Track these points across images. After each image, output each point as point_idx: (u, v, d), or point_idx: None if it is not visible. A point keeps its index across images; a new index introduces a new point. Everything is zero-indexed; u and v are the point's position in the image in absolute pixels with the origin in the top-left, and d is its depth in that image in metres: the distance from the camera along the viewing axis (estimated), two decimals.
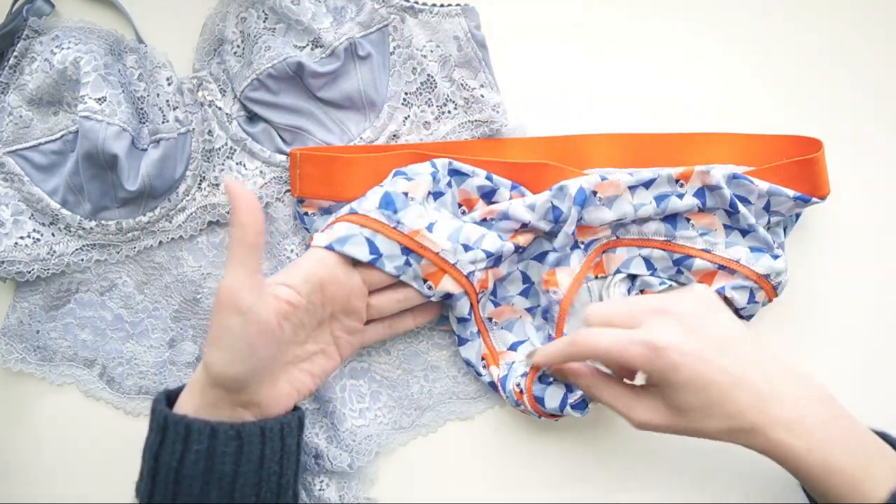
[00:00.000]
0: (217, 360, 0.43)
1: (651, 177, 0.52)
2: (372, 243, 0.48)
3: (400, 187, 0.49)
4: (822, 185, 0.53)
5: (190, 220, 0.55)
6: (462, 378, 0.56)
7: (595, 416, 0.54)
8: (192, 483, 0.43)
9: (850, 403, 0.57)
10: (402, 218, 0.48)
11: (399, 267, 0.49)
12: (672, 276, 0.55)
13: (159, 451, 0.44)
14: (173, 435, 0.43)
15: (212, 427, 0.43)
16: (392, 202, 0.49)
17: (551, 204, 0.52)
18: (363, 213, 0.48)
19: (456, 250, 0.50)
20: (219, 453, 0.43)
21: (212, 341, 0.43)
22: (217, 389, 0.44)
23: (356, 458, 0.54)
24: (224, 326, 0.42)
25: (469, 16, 0.55)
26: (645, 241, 0.54)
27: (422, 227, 0.49)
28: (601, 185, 0.52)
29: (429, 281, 0.50)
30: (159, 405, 0.45)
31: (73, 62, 0.50)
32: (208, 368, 0.43)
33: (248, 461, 0.44)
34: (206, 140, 0.54)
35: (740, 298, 0.54)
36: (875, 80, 0.59)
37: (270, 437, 0.45)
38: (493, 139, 0.55)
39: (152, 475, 0.44)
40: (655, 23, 0.59)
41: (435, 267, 0.49)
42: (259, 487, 0.44)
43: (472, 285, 0.51)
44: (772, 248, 0.54)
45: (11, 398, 0.56)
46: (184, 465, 0.43)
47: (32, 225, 0.53)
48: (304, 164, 0.52)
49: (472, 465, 0.56)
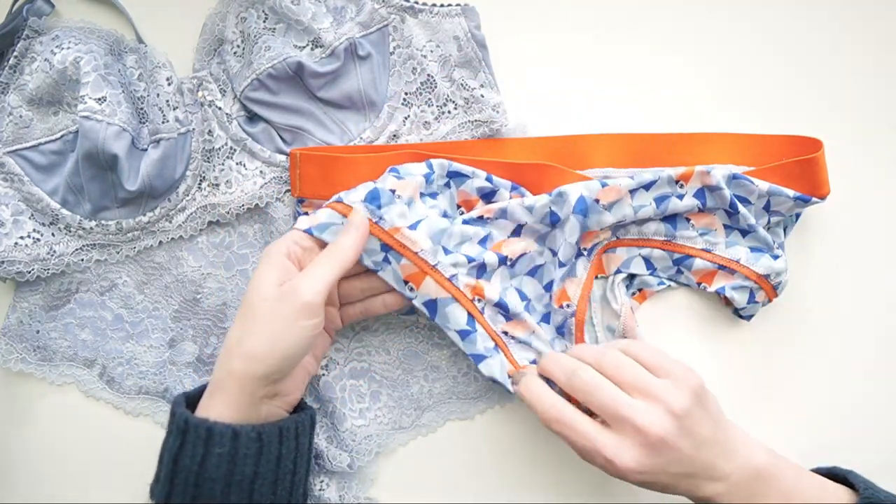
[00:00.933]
0: (276, 356, 0.44)
1: (652, 179, 0.52)
2: None
3: (389, 184, 0.49)
4: (822, 185, 0.53)
5: (190, 220, 0.55)
6: (462, 378, 0.56)
7: None
8: (214, 486, 0.43)
9: (851, 403, 0.57)
10: (384, 214, 0.48)
11: (377, 263, 0.49)
12: (672, 275, 0.55)
13: (179, 453, 0.44)
14: (194, 438, 0.43)
15: (234, 430, 0.44)
16: (378, 197, 0.49)
17: (549, 209, 0.52)
18: (348, 202, 0.49)
19: (436, 252, 0.49)
20: (241, 455, 0.44)
21: (273, 339, 0.44)
22: (258, 383, 0.45)
23: (356, 458, 0.54)
24: (295, 328, 0.44)
25: (469, 16, 0.55)
26: (645, 241, 0.54)
27: (403, 226, 0.48)
28: (603, 191, 0.51)
29: (410, 282, 0.50)
30: (179, 408, 0.45)
31: (73, 62, 0.50)
32: (264, 363, 0.44)
33: (267, 461, 0.45)
34: (206, 140, 0.54)
35: (740, 299, 0.54)
36: (875, 80, 0.59)
37: (287, 437, 0.46)
38: (493, 139, 0.55)
39: (170, 478, 0.44)
40: (655, 23, 0.59)
41: (416, 268, 0.49)
42: (275, 486, 0.45)
43: (459, 290, 0.50)
44: (772, 248, 0.54)
45: (11, 398, 0.56)
46: (205, 467, 0.43)
47: (32, 225, 0.53)
48: (304, 165, 0.52)
49: (472, 465, 0.56)
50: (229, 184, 0.55)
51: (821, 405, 0.57)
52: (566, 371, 0.47)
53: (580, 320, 0.53)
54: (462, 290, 0.50)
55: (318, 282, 0.45)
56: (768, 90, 0.59)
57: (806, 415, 0.57)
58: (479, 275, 0.52)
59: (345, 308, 0.53)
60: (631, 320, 0.54)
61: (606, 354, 0.47)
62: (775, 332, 0.57)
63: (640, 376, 0.45)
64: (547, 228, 0.53)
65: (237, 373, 0.45)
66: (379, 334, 0.56)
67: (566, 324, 0.53)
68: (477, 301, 0.51)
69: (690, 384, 0.45)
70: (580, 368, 0.46)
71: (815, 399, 0.57)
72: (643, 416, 0.43)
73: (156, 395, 0.56)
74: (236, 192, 0.55)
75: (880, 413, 0.57)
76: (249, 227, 0.56)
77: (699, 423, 0.44)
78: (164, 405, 0.56)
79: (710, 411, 0.46)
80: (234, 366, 0.45)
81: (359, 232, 0.47)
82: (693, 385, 0.45)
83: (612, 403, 0.44)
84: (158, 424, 0.56)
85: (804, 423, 0.57)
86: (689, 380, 0.45)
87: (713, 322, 0.57)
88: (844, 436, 0.56)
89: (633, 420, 0.43)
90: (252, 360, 0.44)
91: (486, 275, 0.52)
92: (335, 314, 0.52)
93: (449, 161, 0.52)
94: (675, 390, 0.44)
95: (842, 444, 0.56)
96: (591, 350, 0.48)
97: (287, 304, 0.44)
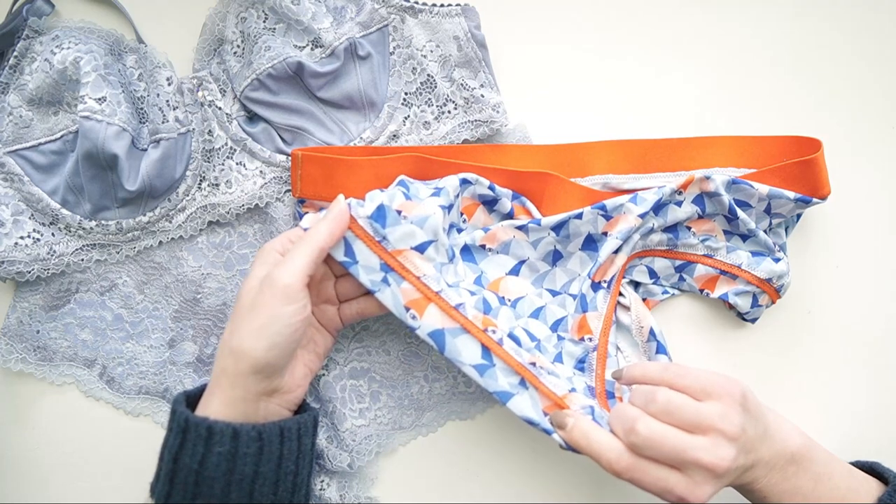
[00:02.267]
0: (261, 346, 0.44)
1: (656, 199, 0.51)
2: (350, 247, 0.48)
3: (396, 203, 0.48)
4: (822, 186, 0.53)
5: (190, 220, 0.55)
6: (462, 378, 0.56)
7: None
8: (214, 484, 0.43)
9: (851, 402, 0.57)
10: (388, 234, 0.47)
11: (375, 283, 0.47)
12: (675, 283, 0.55)
13: (179, 452, 0.44)
14: (194, 437, 0.44)
15: (234, 429, 0.44)
16: (384, 216, 0.47)
17: (554, 248, 0.52)
18: (354, 216, 0.48)
19: (439, 279, 0.47)
20: (240, 454, 0.44)
21: (257, 329, 0.44)
22: (251, 378, 0.45)
23: (356, 458, 0.54)
24: (276, 315, 0.44)
25: (469, 16, 0.55)
26: (648, 252, 0.54)
27: (406, 248, 0.47)
28: (609, 223, 0.51)
29: (412, 310, 0.47)
30: (179, 406, 0.45)
31: (73, 62, 0.50)
32: (251, 355, 0.44)
33: (268, 461, 0.45)
34: (206, 140, 0.54)
35: (744, 304, 0.54)
36: (874, 80, 0.59)
37: (288, 437, 0.46)
38: (493, 145, 0.55)
39: (170, 477, 0.44)
40: (655, 23, 0.59)
41: (418, 293, 0.47)
42: (276, 487, 0.45)
43: (468, 320, 0.47)
44: (773, 251, 0.54)
45: (11, 398, 0.56)
46: (205, 466, 0.43)
47: (32, 225, 0.53)
48: (305, 165, 0.52)
49: (472, 465, 0.56)
50: (229, 184, 0.55)
51: (822, 405, 0.57)
52: (625, 428, 0.45)
53: (602, 356, 0.52)
54: (471, 321, 0.47)
55: (293, 266, 0.45)
56: (767, 91, 0.59)
57: (809, 415, 0.57)
58: (486, 310, 0.50)
59: (343, 307, 0.53)
60: (642, 307, 0.53)
61: (658, 396, 0.45)
62: (776, 332, 0.57)
63: (691, 412, 0.44)
64: (547, 267, 0.53)
65: (229, 369, 0.45)
66: (379, 334, 0.56)
67: (587, 359, 0.52)
68: (491, 332, 0.47)
69: (735, 399, 0.45)
70: (637, 422, 0.45)
71: (816, 399, 0.57)
72: (708, 455, 0.43)
73: (156, 395, 0.56)
74: (236, 192, 0.55)
75: (881, 412, 0.57)
76: (249, 227, 0.56)
77: (750, 431, 0.45)
78: (164, 405, 0.56)
79: (753, 413, 0.45)
80: (227, 363, 0.45)
81: (336, 220, 0.47)
82: (738, 398, 0.45)
83: (677, 452, 0.44)
84: (158, 424, 0.56)
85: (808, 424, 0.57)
86: (733, 394, 0.45)
87: (718, 327, 0.57)
88: (857, 434, 0.57)
89: (700, 462, 0.43)
90: (240, 354, 0.44)
91: (491, 312, 0.50)
92: (334, 312, 0.52)
93: (461, 179, 0.51)
94: (728, 412, 0.44)
95: (847, 444, 0.56)
96: (642, 394, 0.47)
97: (266, 293, 0.45)
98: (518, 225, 0.52)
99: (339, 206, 0.48)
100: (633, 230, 0.52)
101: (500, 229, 0.52)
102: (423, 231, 0.47)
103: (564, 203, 0.53)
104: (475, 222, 0.53)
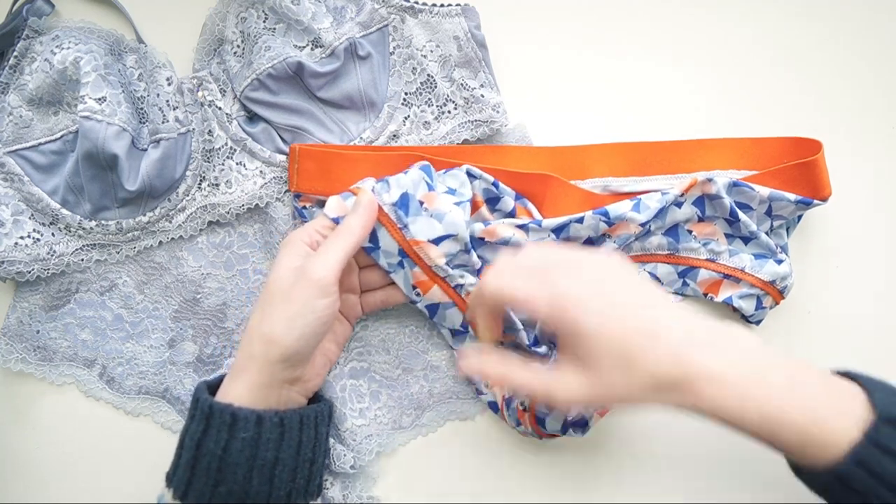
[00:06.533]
0: (293, 335, 0.45)
1: (659, 207, 0.51)
2: (374, 233, 0.49)
3: (420, 192, 0.50)
4: (823, 187, 0.53)
5: (190, 220, 0.55)
6: (462, 378, 0.56)
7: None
8: (237, 470, 0.44)
9: None
10: (409, 224, 0.49)
11: (392, 265, 0.50)
12: (678, 289, 0.55)
13: (203, 439, 0.44)
14: (218, 423, 0.44)
15: (258, 415, 0.45)
16: (406, 205, 0.49)
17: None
18: (380, 203, 0.49)
19: (447, 270, 0.51)
20: (263, 440, 0.45)
21: (289, 319, 0.45)
22: (278, 366, 0.46)
23: (358, 458, 0.54)
24: (309, 307, 0.45)
25: (469, 16, 0.55)
26: (649, 257, 0.54)
27: (424, 240, 0.49)
28: (612, 229, 0.52)
29: (418, 288, 0.51)
30: (203, 394, 0.46)
31: (73, 62, 0.50)
32: (281, 343, 0.45)
33: (288, 447, 0.46)
34: (206, 140, 0.54)
35: (748, 307, 0.54)
36: (874, 81, 0.59)
37: (307, 425, 0.47)
38: (494, 146, 0.55)
39: (192, 464, 0.44)
40: (655, 24, 0.59)
41: (426, 276, 0.50)
42: (295, 473, 0.46)
43: (461, 298, 0.51)
44: (775, 253, 0.53)
45: (11, 398, 0.56)
46: (229, 452, 0.44)
47: (32, 225, 0.53)
48: (302, 160, 0.53)
49: (472, 465, 0.56)
50: (229, 184, 0.55)
51: None
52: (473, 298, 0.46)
53: None
54: (464, 298, 0.52)
55: (328, 260, 0.46)
56: (768, 92, 0.59)
57: None
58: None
59: (365, 296, 0.53)
60: None
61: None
62: (776, 332, 0.57)
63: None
64: None
65: (257, 355, 0.46)
66: (379, 334, 0.56)
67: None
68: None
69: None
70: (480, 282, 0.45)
71: None
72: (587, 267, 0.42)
73: (156, 395, 0.56)
74: (236, 192, 0.55)
75: None
76: (249, 227, 0.56)
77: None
78: (164, 405, 0.56)
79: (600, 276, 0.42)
80: (255, 349, 0.46)
81: (366, 212, 0.48)
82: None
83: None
84: (158, 424, 0.56)
85: None
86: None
87: None
88: None
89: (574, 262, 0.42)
90: (271, 342, 0.45)
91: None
92: (356, 301, 0.53)
93: (466, 171, 0.52)
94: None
95: None
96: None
97: (300, 285, 0.46)
98: (519, 224, 0.52)
99: (367, 197, 0.49)
100: (632, 237, 0.52)
101: (500, 226, 0.52)
102: (443, 225, 0.49)
103: (565, 205, 0.53)
104: (477, 218, 0.53)
